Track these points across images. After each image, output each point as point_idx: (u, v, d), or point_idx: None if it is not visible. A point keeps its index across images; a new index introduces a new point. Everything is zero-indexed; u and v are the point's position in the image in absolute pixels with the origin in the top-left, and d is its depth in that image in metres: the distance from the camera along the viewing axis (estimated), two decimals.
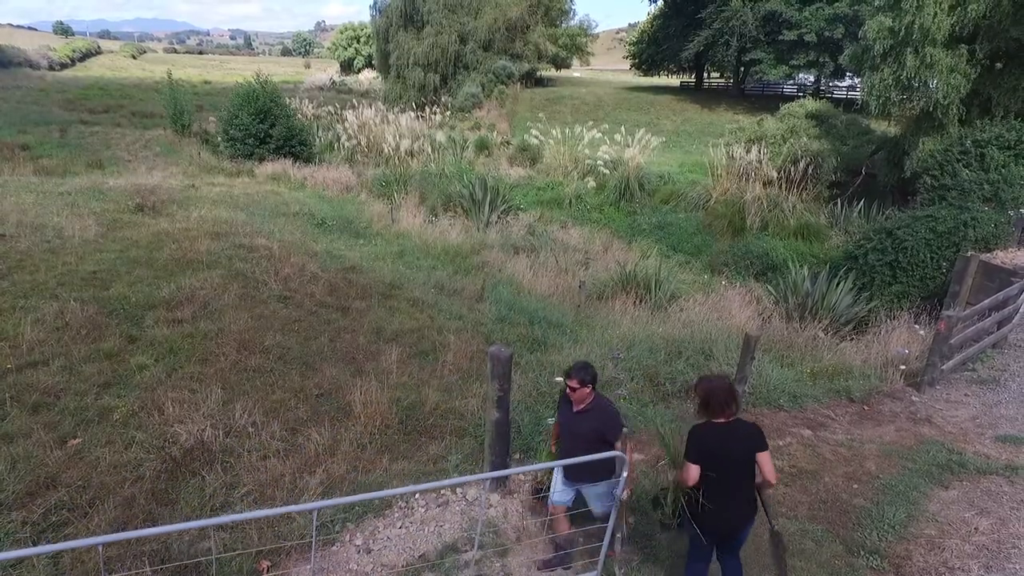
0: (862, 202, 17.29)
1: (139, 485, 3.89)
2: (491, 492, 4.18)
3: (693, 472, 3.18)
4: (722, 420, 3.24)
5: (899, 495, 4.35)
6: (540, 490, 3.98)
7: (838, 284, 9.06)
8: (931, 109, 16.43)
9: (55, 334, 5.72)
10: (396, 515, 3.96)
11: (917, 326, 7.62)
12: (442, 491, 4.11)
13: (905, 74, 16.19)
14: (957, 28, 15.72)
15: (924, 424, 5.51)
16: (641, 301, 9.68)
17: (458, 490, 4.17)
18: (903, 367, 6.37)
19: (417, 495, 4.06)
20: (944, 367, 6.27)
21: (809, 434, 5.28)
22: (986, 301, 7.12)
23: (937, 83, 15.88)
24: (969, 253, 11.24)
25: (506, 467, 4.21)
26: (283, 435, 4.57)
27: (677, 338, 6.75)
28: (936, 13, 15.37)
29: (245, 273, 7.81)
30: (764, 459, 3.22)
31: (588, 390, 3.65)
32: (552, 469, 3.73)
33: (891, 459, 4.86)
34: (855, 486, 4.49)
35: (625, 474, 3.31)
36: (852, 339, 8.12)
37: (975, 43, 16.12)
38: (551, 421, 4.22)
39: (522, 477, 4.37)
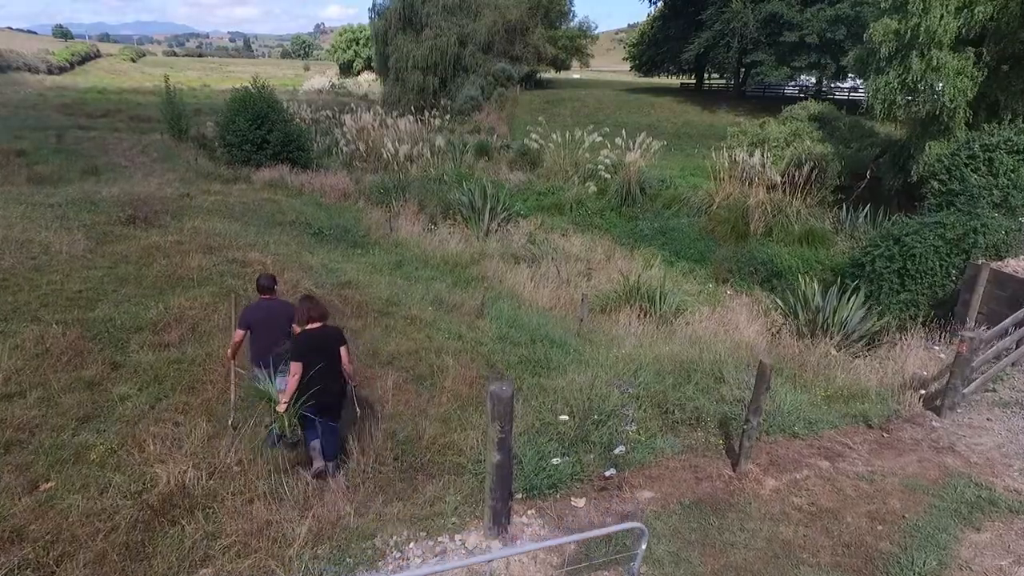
0: (868, 207, 17.00)
1: (112, 537, 3.61)
2: (492, 539, 3.91)
3: (297, 369, 4.24)
4: (316, 326, 4.44)
5: (928, 538, 4.07)
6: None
7: (849, 298, 8.78)
8: (937, 112, 16.16)
9: (34, 361, 5.45)
10: (390, 567, 3.69)
11: (937, 348, 7.33)
12: (439, 539, 3.83)
13: (911, 77, 15.93)
14: (964, 30, 15.48)
15: (947, 453, 5.24)
16: (646, 315, 9.42)
17: (456, 537, 3.89)
18: (923, 392, 6.10)
19: (412, 544, 3.78)
20: (966, 390, 6.00)
21: (827, 466, 5.00)
22: (1007, 320, 6.84)
23: (943, 86, 15.63)
24: (980, 261, 10.99)
25: (507, 512, 3.94)
26: (270, 474, 4.30)
27: (685, 359, 6.48)
28: (943, 15, 15.12)
29: (237, 291, 7.51)
30: (343, 351, 4.50)
31: None
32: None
33: (916, 495, 4.58)
34: (880, 527, 4.22)
35: None
36: (864, 356, 7.85)
37: (982, 46, 15.87)
38: (556, 461, 3.96)
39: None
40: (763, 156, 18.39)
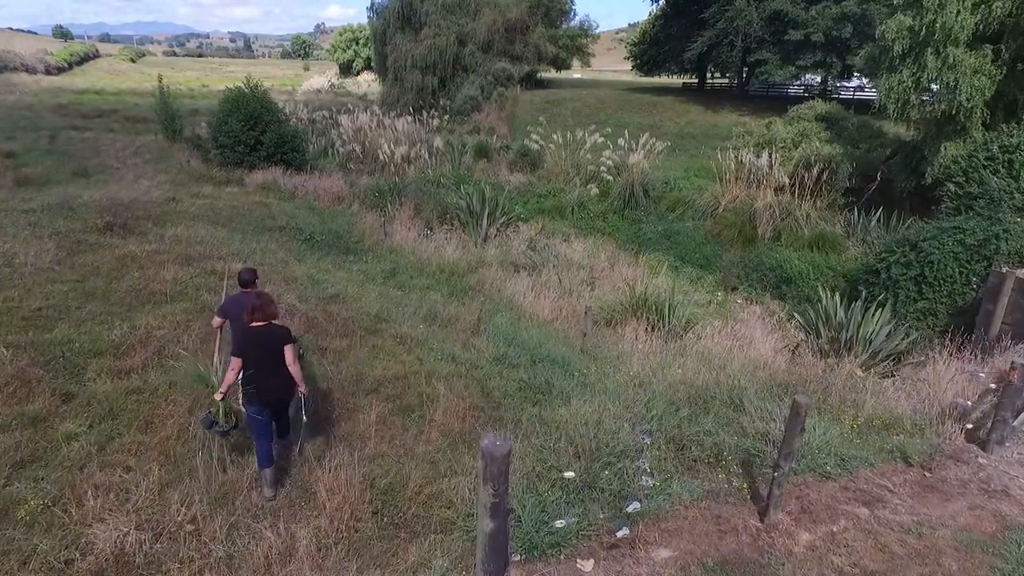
0: (880, 210, 16.41)
1: None
2: None
3: (236, 363, 4.32)
4: (258, 325, 4.39)
5: None
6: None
7: (875, 313, 8.17)
8: (953, 112, 15.57)
9: None
10: None
11: (983, 375, 6.70)
12: None
13: (926, 76, 15.36)
14: (981, 27, 14.89)
15: (1001, 498, 4.64)
16: (653, 329, 8.84)
17: None
18: (968, 426, 5.49)
19: None
20: (1015, 422, 5.41)
21: (866, 514, 4.41)
22: None
23: (960, 85, 15.04)
24: (1004, 269, 10.45)
25: None
26: (228, 534, 3.72)
27: (700, 385, 5.89)
28: (959, 11, 14.53)
29: (212, 307, 6.94)
30: (288, 350, 4.45)
31: None
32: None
33: (973, 554, 3.99)
34: None
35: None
36: (892, 376, 7.25)
37: (1000, 43, 15.28)
38: (560, 524, 3.38)
39: None
40: (771, 157, 17.80)
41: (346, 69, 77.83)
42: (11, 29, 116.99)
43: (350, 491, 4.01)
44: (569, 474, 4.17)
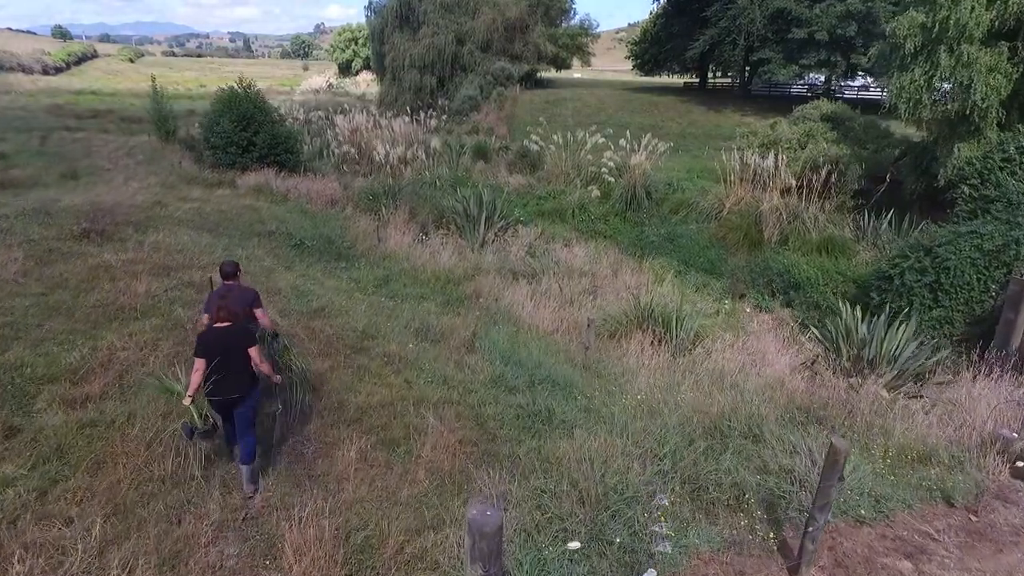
0: (891, 213, 15.88)
1: None
2: None
3: (200, 364, 4.21)
4: (222, 325, 4.34)
5: None
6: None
7: (899, 328, 7.63)
8: (967, 112, 15.06)
9: None
10: None
11: None
12: None
13: (939, 74, 14.85)
14: (997, 23, 14.39)
15: None
16: (660, 342, 8.31)
17: None
18: (1020, 463, 4.96)
19: None
20: None
21: (910, 569, 3.89)
22: None
23: (975, 84, 14.53)
24: None
25: None
26: None
27: (716, 414, 5.36)
28: (974, 7, 14.02)
29: (185, 324, 6.43)
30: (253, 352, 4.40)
31: None
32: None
33: None
34: None
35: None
36: (919, 397, 6.72)
37: (1017, 40, 14.76)
38: None
39: None
40: (777, 158, 17.28)
41: (345, 69, 77.34)
42: (10, 29, 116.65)
43: (320, 550, 3.47)
44: (574, 545, 3.62)
